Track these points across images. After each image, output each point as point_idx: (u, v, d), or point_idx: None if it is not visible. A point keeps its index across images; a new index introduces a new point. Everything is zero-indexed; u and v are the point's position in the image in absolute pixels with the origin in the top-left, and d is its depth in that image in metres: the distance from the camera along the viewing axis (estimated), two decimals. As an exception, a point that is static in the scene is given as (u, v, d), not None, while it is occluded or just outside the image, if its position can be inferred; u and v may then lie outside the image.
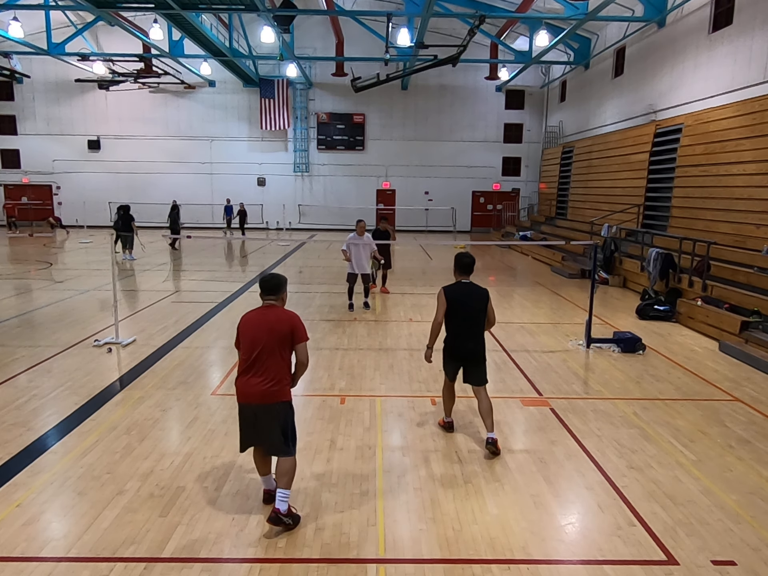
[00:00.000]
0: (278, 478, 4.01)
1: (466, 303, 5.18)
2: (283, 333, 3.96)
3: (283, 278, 4.18)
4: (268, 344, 3.94)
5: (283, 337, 3.96)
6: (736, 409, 6.36)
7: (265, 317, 4.02)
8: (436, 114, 29.22)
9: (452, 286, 5.27)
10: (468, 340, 5.22)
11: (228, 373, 7.27)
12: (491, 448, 5.05)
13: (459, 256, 5.33)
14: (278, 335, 3.95)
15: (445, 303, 5.16)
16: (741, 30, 13.13)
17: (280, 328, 3.96)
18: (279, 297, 4.11)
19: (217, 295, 12.27)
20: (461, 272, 5.29)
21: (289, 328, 3.97)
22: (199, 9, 17.58)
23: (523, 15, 19.20)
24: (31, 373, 7.14)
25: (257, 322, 4.02)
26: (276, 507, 3.90)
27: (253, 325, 4.03)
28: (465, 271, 5.27)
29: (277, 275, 4.19)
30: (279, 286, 4.11)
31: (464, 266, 5.27)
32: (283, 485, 3.97)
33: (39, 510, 4.16)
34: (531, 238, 22.74)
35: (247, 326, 4.05)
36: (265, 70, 28.36)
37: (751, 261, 10.73)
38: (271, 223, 29.53)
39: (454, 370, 5.36)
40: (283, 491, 3.96)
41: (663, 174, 16.06)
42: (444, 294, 5.20)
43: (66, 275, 14.59)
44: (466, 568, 3.60)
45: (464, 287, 5.24)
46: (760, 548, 3.86)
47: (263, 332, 3.95)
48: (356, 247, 10.40)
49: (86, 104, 28.94)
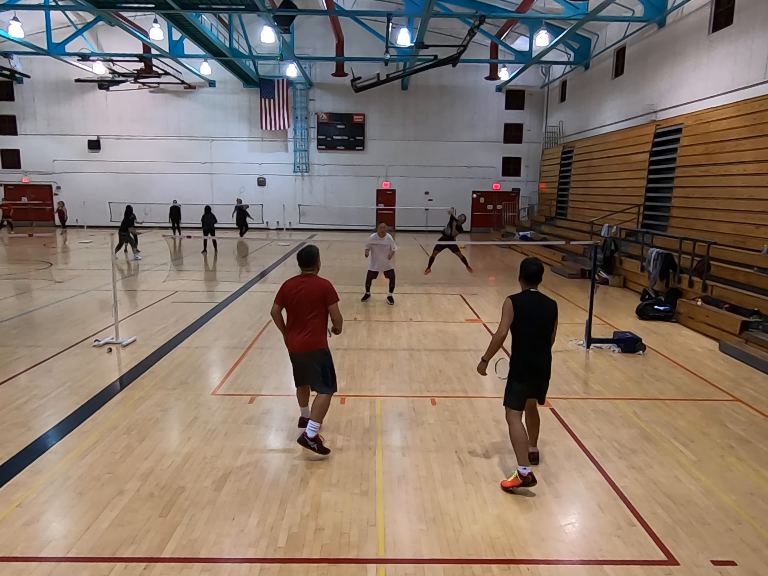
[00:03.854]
0: (312, 409, 5.01)
1: (536, 315, 4.64)
2: (318, 296, 4.93)
3: (315, 250, 5.13)
4: (306, 305, 4.92)
5: (318, 299, 4.93)
6: (736, 409, 6.36)
7: (304, 284, 4.99)
8: (436, 114, 29.23)
9: (521, 296, 4.70)
10: (539, 354, 4.68)
11: (228, 373, 7.27)
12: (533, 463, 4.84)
13: (525, 264, 4.80)
14: (314, 298, 4.92)
15: (512, 314, 4.58)
16: (741, 30, 13.13)
17: (315, 291, 4.94)
18: (314, 267, 5.10)
19: (217, 295, 12.28)
20: (528, 281, 4.74)
21: (323, 292, 4.95)
22: (199, 9, 17.59)
23: (523, 15, 19.21)
24: (31, 373, 7.14)
25: (298, 287, 4.97)
26: (305, 432, 4.89)
27: (295, 291, 4.96)
28: (532, 279, 4.73)
29: (310, 250, 5.11)
30: (313, 259, 5.08)
31: (531, 275, 4.72)
32: (314, 417, 4.94)
33: (39, 510, 4.16)
34: (531, 238, 22.73)
35: (290, 291, 4.98)
36: (265, 70, 28.37)
37: (751, 261, 10.73)
38: (271, 223, 29.53)
39: (525, 394, 4.70)
40: (313, 422, 4.91)
41: (663, 174, 16.06)
42: (512, 304, 4.61)
43: (66, 275, 14.59)
44: (466, 568, 3.60)
45: (534, 297, 4.71)
46: (760, 548, 3.86)
47: (302, 296, 4.92)
48: (377, 247, 11.33)
49: (86, 104, 28.94)
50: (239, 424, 5.71)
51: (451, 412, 6.10)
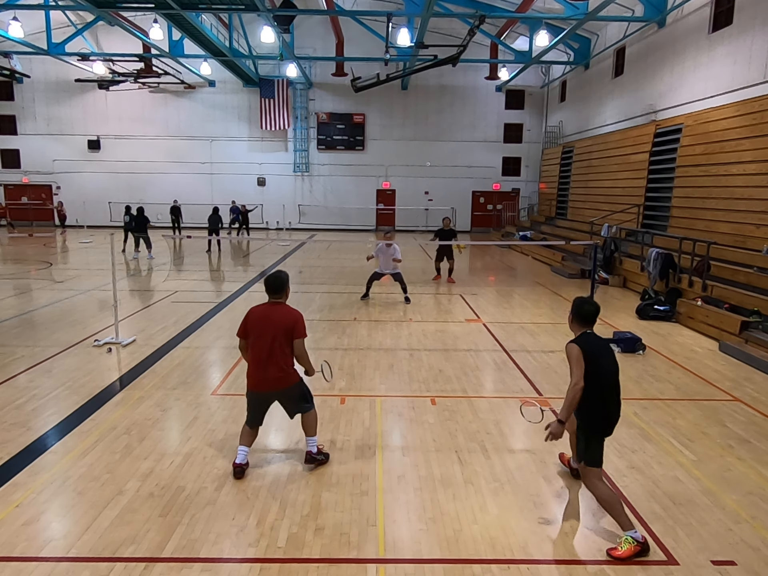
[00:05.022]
0: (306, 429, 4.86)
1: (606, 361, 4.04)
2: (287, 326, 4.57)
3: (285, 276, 4.76)
4: (275, 337, 4.54)
5: (287, 330, 4.57)
6: (736, 409, 6.36)
7: (272, 313, 4.63)
8: (436, 114, 29.23)
9: (585, 340, 4.04)
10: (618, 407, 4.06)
11: (228, 373, 7.27)
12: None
13: (581, 303, 4.18)
14: (283, 328, 4.56)
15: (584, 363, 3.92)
16: (741, 30, 13.13)
17: (285, 322, 4.57)
18: (283, 294, 4.72)
19: (217, 295, 12.28)
20: (585, 322, 4.13)
21: (292, 324, 4.58)
22: (199, 9, 17.59)
23: (523, 15, 19.21)
24: (31, 373, 7.14)
25: (265, 317, 4.62)
26: (308, 450, 4.82)
27: (261, 321, 4.61)
28: (590, 320, 4.14)
29: (279, 276, 4.73)
30: (282, 285, 4.70)
31: (589, 315, 4.14)
32: (312, 433, 4.85)
33: (39, 510, 4.16)
34: (531, 238, 22.73)
35: (256, 321, 4.63)
36: (265, 70, 28.37)
37: (751, 261, 10.73)
38: (271, 223, 29.54)
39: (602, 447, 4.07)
40: (311, 438, 4.84)
41: (663, 174, 16.06)
42: (582, 352, 3.94)
43: (66, 275, 14.59)
44: (466, 568, 3.60)
45: (598, 340, 4.14)
46: (760, 548, 3.86)
47: (270, 326, 4.56)
48: (384, 255, 11.63)
49: (86, 104, 28.94)
50: (239, 424, 5.69)
51: (451, 412, 6.10)
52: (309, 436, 4.86)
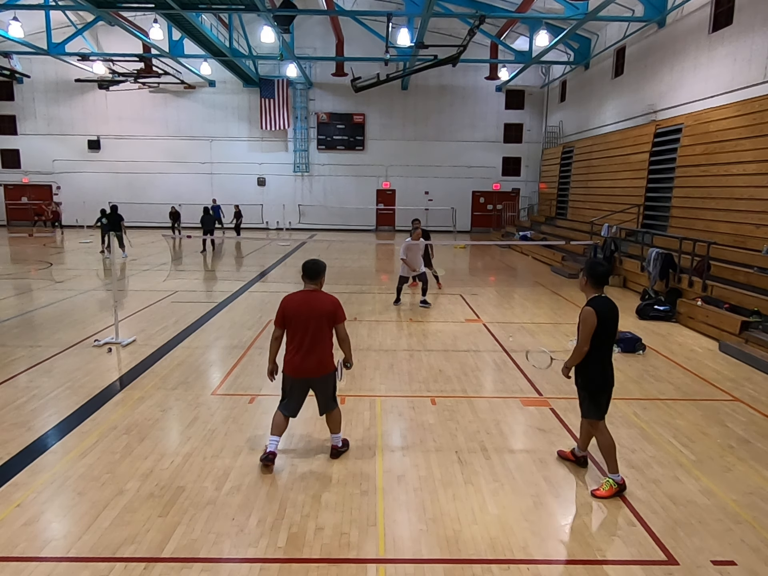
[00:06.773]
0: (332, 427, 5.03)
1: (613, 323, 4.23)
2: (326, 313, 4.63)
3: (322, 264, 4.80)
4: (314, 324, 4.62)
5: (326, 317, 4.64)
6: (736, 409, 6.36)
7: (310, 300, 4.67)
8: (436, 114, 29.23)
9: (599, 302, 4.21)
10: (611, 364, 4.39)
11: (228, 373, 7.27)
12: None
13: (594, 265, 4.33)
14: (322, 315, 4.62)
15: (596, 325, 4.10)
16: (741, 30, 13.13)
17: (323, 308, 4.64)
18: (320, 281, 4.76)
19: (217, 295, 12.27)
20: (598, 284, 4.25)
21: (332, 310, 4.66)
22: (199, 9, 17.58)
23: (523, 15, 19.20)
24: (31, 373, 7.14)
25: (303, 304, 4.65)
26: (333, 445, 5.03)
27: (299, 308, 4.64)
28: (603, 281, 4.26)
29: (317, 261, 4.78)
30: (319, 272, 4.75)
31: (601, 276, 4.25)
32: (338, 431, 5.04)
33: (39, 510, 4.16)
34: (531, 238, 22.73)
35: (294, 309, 4.65)
36: (265, 70, 28.36)
37: (751, 261, 10.73)
38: (271, 223, 29.53)
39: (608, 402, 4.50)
40: (336, 435, 5.04)
41: (663, 174, 16.06)
42: (596, 314, 4.13)
43: (66, 275, 14.59)
44: (466, 568, 3.60)
45: (610, 303, 4.28)
46: (760, 548, 3.86)
47: (309, 314, 4.61)
48: (413, 253, 11.09)
49: (86, 104, 28.94)
50: (239, 424, 5.71)
51: (451, 412, 6.10)
52: (334, 433, 5.04)
